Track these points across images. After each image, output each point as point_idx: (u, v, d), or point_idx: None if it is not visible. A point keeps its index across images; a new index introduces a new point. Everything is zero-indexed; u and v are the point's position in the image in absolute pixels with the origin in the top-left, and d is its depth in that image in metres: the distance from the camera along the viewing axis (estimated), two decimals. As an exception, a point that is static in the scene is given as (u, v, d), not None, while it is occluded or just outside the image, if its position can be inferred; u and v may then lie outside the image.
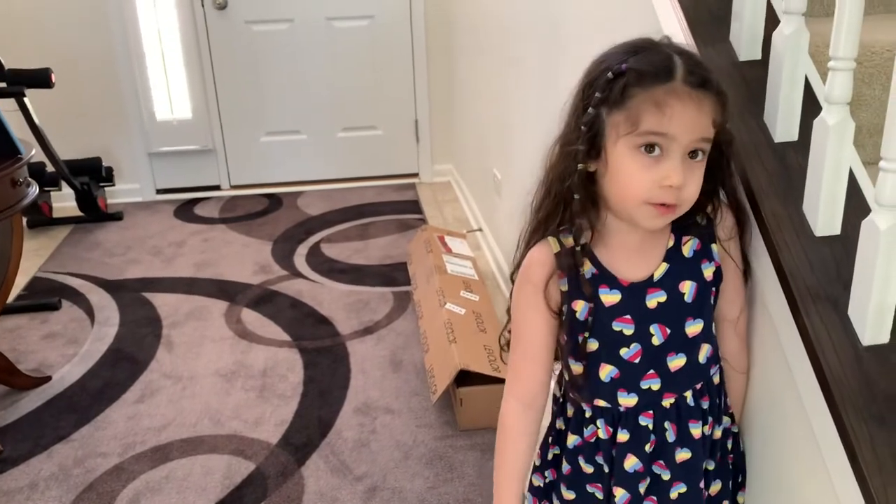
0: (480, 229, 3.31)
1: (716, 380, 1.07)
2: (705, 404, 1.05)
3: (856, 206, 1.00)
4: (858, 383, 0.89)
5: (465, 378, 2.06)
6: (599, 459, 1.07)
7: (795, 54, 1.04)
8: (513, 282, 1.07)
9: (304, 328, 2.67)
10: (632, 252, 1.00)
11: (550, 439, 1.14)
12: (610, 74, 0.91)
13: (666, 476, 1.04)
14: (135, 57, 3.76)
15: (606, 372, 1.02)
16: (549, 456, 1.14)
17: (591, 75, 0.95)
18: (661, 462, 1.04)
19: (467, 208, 3.66)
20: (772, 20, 1.14)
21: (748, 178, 1.04)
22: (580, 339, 1.02)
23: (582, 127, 0.93)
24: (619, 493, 1.05)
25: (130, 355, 2.53)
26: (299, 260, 3.22)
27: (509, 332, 1.09)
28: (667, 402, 1.03)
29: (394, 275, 3.04)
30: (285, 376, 2.38)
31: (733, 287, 1.05)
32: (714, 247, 1.02)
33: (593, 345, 1.02)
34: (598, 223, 0.99)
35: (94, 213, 3.67)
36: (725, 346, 1.09)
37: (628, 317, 1.00)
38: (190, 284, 3.03)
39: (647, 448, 1.04)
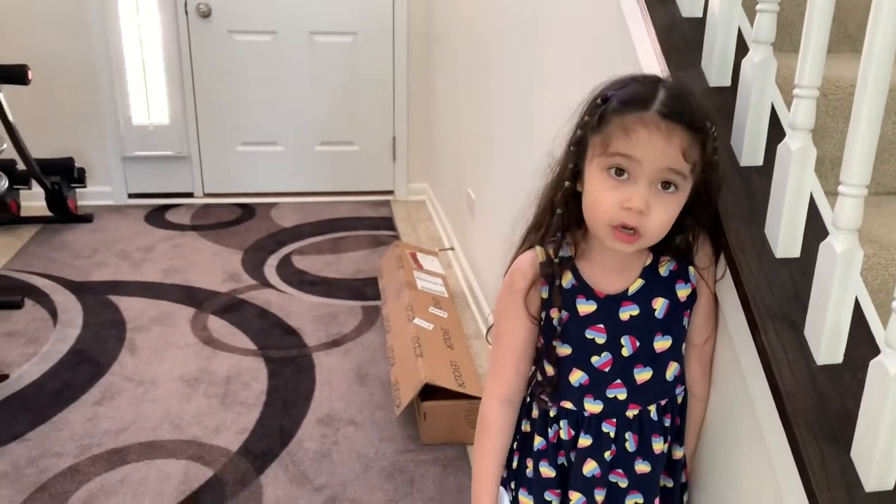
0: (453, 248, 3.33)
1: (680, 399, 1.10)
2: (667, 421, 1.08)
3: (815, 231, 1.03)
4: (812, 401, 0.91)
5: (429, 393, 2.06)
6: (562, 459, 1.09)
7: (763, 82, 1.08)
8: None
9: (270, 338, 2.65)
10: (611, 269, 1.04)
11: (515, 444, 1.15)
12: (598, 101, 0.96)
13: (623, 484, 1.07)
14: (114, 60, 3.74)
15: (577, 377, 1.06)
16: (514, 464, 1.15)
17: (588, 99, 1.00)
18: (620, 471, 1.07)
19: (441, 227, 3.67)
20: (741, 49, 1.17)
21: (714, 199, 1.07)
22: (554, 344, 1.05)
23: (571, 147, 0.99)
24: (575, 497, 1.07)
25: (92, 357, 2.49)
26: (269, 270, 3.20)
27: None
28: (631, 412, 1.06)
29: (364, 289, 3.04)
30: (249, 384, 2.36)
31: (704, 313, 1.08)
32: (692, 270, 1.05)
33: (566, 350, 1.06)
34: (582, 240, 1.04)
35: (63, 213, 3.62)
36: (688, 369, 1.11)
37: (601, 326, 1.04)
38: (157, 289, 3.00)
39: (607, 455, 1.06)
